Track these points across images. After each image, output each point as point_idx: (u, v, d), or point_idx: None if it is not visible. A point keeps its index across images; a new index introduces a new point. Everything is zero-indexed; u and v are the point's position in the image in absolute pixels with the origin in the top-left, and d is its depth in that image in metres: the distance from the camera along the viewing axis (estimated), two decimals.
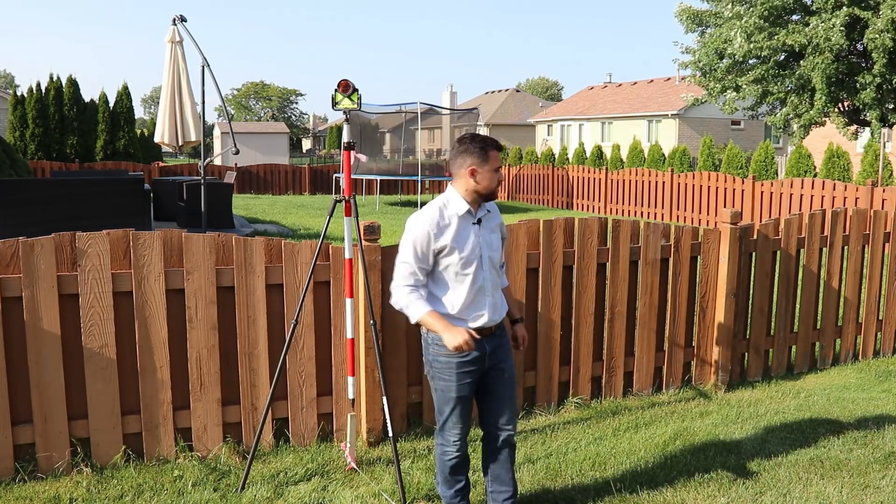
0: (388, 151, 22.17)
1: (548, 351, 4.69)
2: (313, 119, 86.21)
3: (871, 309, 5.90)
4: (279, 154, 46.20)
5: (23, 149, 24.98)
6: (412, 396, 4.37)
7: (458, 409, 3.11)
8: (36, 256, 3.62)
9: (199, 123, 10.73)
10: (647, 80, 43.47)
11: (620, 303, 4.87)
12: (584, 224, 4.70)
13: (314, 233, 12.87)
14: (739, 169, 18.05)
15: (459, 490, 3.25)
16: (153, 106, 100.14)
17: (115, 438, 3.83)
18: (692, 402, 4.94)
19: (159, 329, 3.85)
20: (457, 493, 3.25)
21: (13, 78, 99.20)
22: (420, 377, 4.36)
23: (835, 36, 15.88)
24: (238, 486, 3.65)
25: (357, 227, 3.90)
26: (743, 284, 5.26)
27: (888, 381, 5.40)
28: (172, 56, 10.44)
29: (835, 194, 12.25)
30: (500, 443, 3.20)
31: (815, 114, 17.35)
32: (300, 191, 23.41)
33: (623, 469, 3.91)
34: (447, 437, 3.16)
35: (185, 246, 3.86)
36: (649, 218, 16.28)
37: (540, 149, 40.59)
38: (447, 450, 3.18)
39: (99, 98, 26.54)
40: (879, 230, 5.87)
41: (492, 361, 3.12)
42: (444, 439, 3.18)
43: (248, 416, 4.05)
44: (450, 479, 3.23)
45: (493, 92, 58.70)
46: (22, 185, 9.08)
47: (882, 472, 3.88)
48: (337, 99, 3.77)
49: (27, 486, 3.62)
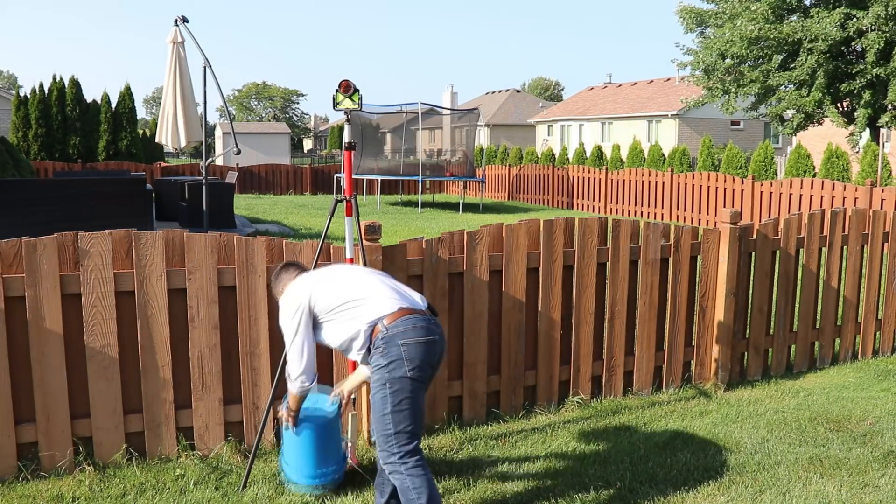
0: (389, 151, 22.18)
1: (548, 350, 4.71)
2: (314, 119, 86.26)
3: (870, 308, 5.92)
4: (281, 154, 46.23)
5: (26, 149, 25.02)
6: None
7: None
8: (39, 256, 3.64)
9: (201, 124, 10.76)
10: (647, 80, 43.48)
11: (620, 302, 4.89)
12: (585, 224, 4.72)
13: (315, 232, 12.89)
14: (739, 169, 18.06)
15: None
16: (155, 106, 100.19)
17: (117, 437, 3.85)
18: (692, 401, 4.96)
19: (161, 328, 3.87)
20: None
21: (16, 79, 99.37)
22: None
23: (833, 30, 16.13)
24: (240, 484, 3.67)
25: (358, 227, 3.92)
26: (742, 284, 5.28)
27: (887, 380, 5.41)
28: (174, 57, 10.46)
29: (834, 194, 12.26)
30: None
31: (809, 101, 17.51)
32: (301, 191, 23.43)
33: (623, 468, 3.92)
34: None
35: (186, 246, 3.88)
36: (649, 218, 16.29)
37: (540, 149, 40.59)
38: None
39: (101, 98, 26.57)
40: (878, 230, 5.89)
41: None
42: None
43: (249, 416, 4.07)
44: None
45: (493, 92, 58.72)
46: (25, 186, 9.11)
47: (881, 471, 3.89)
48: (338, 99, 3.79)
49: (30, 484, 3.64)
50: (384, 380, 2.99)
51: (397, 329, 3.01)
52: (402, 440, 2.98)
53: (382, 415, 3.00)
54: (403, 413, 2.97)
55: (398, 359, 2.97)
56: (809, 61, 17.41)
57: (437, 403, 4.43)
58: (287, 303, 3.21)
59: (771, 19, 17.84)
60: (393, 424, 2.98)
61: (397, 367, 2.97)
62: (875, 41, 16.44)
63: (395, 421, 2.98)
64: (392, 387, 2.97)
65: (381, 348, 3.01)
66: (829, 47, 17.19)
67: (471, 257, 4.42)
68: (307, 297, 3.18)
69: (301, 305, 3.16)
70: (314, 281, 3.24)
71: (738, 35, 17.98)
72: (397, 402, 2.97)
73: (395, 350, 2.98)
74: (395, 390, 2.97)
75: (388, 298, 3.13)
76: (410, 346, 2.98)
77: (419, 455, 3.02)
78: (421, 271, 4.30)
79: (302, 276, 3.33)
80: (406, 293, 3.25)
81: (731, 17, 18.59)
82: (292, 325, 3.17)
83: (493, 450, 4.14)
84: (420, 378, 3.00)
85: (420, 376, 3.00)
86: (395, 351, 2.98)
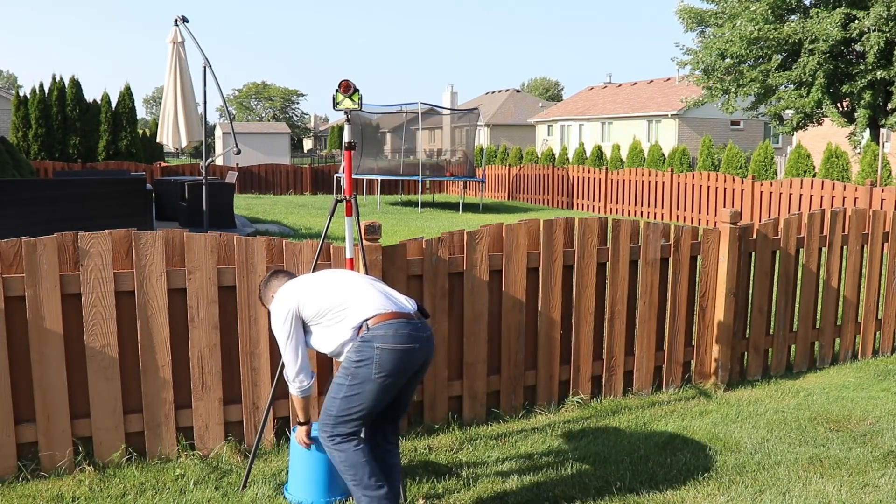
0: (389, 151, 22.18)
1: (548, 350, 4.71)
2: (314, 119, 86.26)
3: (869, 308, 5.92)
4: (280, 154, 46.24)
5: (26, 149, 25.03)
6: (413, 396, 4.38)
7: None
8: (39, 256, 3.64)
9: (201, 124, 10.76)
10: (646, 80, 43.48)
11: (620, 302, 4.89)
12: (584, 224, 4.72)
13: (315, 232, 12.89)
14: (739, 169, 18.06)
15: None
16: (155, 106, 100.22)
17: (117, 437, 3.85)
18: (692, 401, 4.96)
19: (161, 328, 3.87)
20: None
21: (16, 79, 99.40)
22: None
23: (834, 31, 16.16)
24: (239, 484, 3.67)
25: (358, 227, 3.91)
26: (742, 284, 5.28)
27: (887, 379, 5.41)
28: (174, 57, 10.46)
29: (834, 194, 12.26)
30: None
31: (809, 101, 17.53)
32: (301, 191, 23.43)
33: (623, 468, 3.92)
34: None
35: (186, 246, 3.88)
36: (649, 218, 16.29)
37: (540, 149, 40.59)
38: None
39: (101, 98, 26.60)
40: (878, 230, 5.89)
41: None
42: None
43: (249, 416, 4.07)
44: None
45: (493, 92, 58.72)
46: (25, 186, 9.11)
47: (881, 471, 3.90)
48: (338, 99, 3.79)
49: (30, 484, 3.64)
50: (349, 371, 3.07)
51: (378, 332, 3.04)
52: (339, 425, 3.09)
53: (332, 398, 3.12)
54: (353, 407, 3.06)
55: (369, 360, 3.02)
56: (811, 62, 17.42)
57: (437, 403, 4.43)
58: (277, 309, 3.24)
59: (770, 19, 17.87)
60: (336, 410, 3.09)
61: (366, 366, 3.03)
62: (875, 42, 16.45)
63: (340, 408, 3.08)
64: (353, 380, 3.05)
65: (358, 346, 3.06)
66: (829, 48, 17.20)
67: (471, 257, 4.42)
68: (296, 302, 3.21)
69: (291, 310, 3.20)
70: (301, 288, 3.26)
71: (738, 35, 18.00)
72: (351, 395, 3.06)
73: (368, 351, 3.03)
74: (354, 384, 3.05)
75: (373, 300, 3.14)
76: (385, 351, 3.02)
77: (356, 440, 3.11)
78: (421, 271, 4.30)
79: (290, 283, 3.34)
80: (393, 296, 3.25)
81: (731, 17, 18.61)
82: (284, 329, 3.20)
83: (493, 450, 4.14)
84: (385, 383, 3.05)
85: (386, 382, 3.05)
86: (368, 352, 3.03)
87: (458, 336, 4.46)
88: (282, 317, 3.21)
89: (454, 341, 4.46)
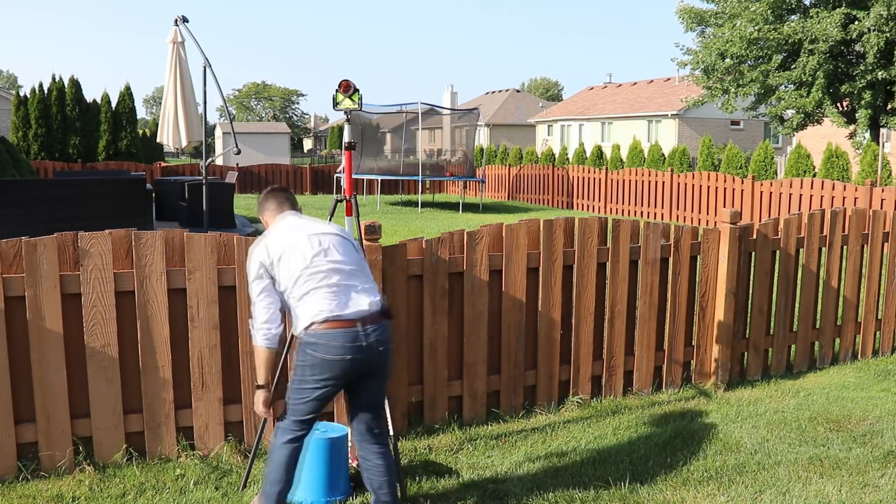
0: (389, 151, 22.18)
1: (548, 350, 4.71)
2: (314, 119, 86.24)
3: (869, 308, 5.92)
4: (280, 154, 46.23)
5: (26, 149, 25.00)
6: (413, 396, 4.39)
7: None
8: (39, 256, 3.64)
9: (201, 123, 10.76)
10: (646, 80, 43.48)
11: (620, 302, 4.89)
12: (584, 224, 4.72)
13: None
14: (739, 169, 18.05)
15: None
16: (155, 106, 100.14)
17: (117, 437, 3.85)
18: (692, 401, 4.96)
19: (161, 328, 3.87)
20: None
21: (16, 78, 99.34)
22: (420, 377, 4.39)
23: (834, 31, 16.17)
24: (240, 484, 3.67)
25: (358, 227, 3.92)
26: (742, 284, 5.28)
27: (887, 379, 5.41)
28: (174, 57, 10.46)
29: (834, 194, 12.26)
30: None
31: (809, 102, 17.54)
32: (301, 191, 23.41)
33: (623, 468, 3.93)
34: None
35: (186, 246, 3.88)
36: (649, 218, 16.29)
37: (540, 149, 40.57)
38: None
39: (101, 98, 26.56)
40: (878, 230, 5.89)
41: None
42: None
43: (249, 416, 4.07)
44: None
45: (493, 92, 58.70)
46: (25, 185, 9.11)
47: (881, 471, 3.90)
48: (338, 99, 3.80)
49: (30, 484, 3.64)
50: (296, 366, 3.17)
51: (315, 339, 3.08)
52: (289, 412, 3.20)
53: (288, 385, 3.26)
54: (296, 398, 3.17)
55: (305, 363, 3.12)
56: (811, 62, 17.43)
57: (437, 403, 4.43)
58: (253, 260, 3.22)
59: (770, 20, 17.87)
60: (288, 398, 3.21)
61: (304, 366, 3.13)
62: (876, 42, 16.45)
63: (290, 397, 3.20)
64: (298, 375, 3.16)
65: (301, 345, 3.15)
66: (829, 48, 17.20)
67: (471, 257, 4.42)
68: (270, 262, 3.19)
69: (263, 267, 3.20)
70: (283, 247, 3.19)
71: (738, 35, 18.01)
72: (295, 388, 3.17)
73: (306, 355, 3.11)
74: (298, 379, 3.16)
75: (325, 301, 3.10)
76: (317, 359, 3.08)
77: (296, 435, 3.19)
78: (421, 271, 4.30)
79: (280, 225, 3.29)
80: (350, 294, 3.15)
81: (731, 17, 18.61)
82: (257, 286, 3.22)
83: (493, 450, 4.15)
84: (320, 386, 3.12)
85: (320, 385, 3.12)
86: (305, 356, 3.11)
87: (458, 336, 4.46)
88: (253, 272, 3.22)
89: (454, 341, 4.46)
